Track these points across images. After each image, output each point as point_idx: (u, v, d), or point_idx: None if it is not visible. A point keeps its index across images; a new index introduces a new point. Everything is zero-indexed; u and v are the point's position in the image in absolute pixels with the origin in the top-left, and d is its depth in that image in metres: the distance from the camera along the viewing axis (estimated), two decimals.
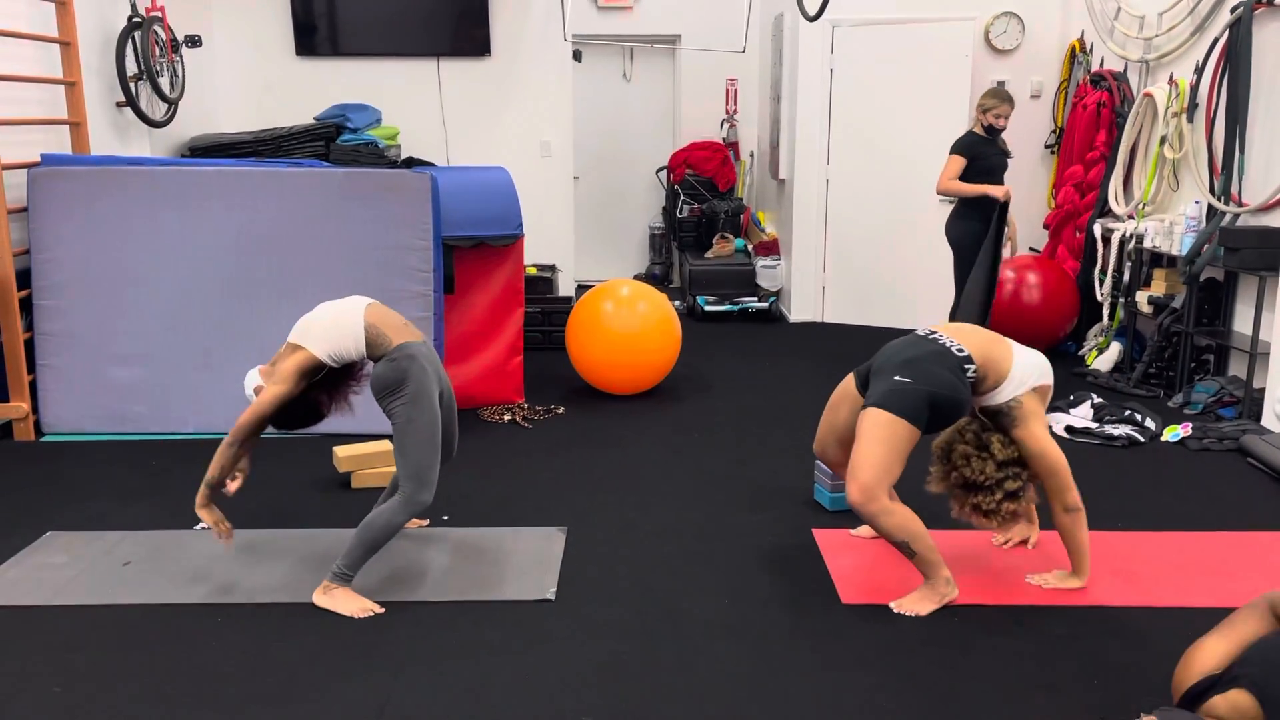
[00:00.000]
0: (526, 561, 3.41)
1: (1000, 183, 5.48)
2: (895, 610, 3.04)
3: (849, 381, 3.37)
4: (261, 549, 3.52)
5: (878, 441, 2.99)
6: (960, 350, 3.09)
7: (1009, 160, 5.64)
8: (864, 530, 3.68)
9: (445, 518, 3.80)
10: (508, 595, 3.17)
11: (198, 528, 3.71)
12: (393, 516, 3.07)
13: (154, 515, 3.84)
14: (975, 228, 5.46)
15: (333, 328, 3.11)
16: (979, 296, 5.40)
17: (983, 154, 5.49)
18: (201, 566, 3.38)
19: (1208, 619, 2.99)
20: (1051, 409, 5.03)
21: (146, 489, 4.13)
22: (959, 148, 5.53)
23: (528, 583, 3.25)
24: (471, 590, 3.21)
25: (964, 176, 5.47)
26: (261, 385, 3.13)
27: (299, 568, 3.35)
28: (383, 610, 3.05)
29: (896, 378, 3.04)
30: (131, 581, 3.28)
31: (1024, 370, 3.11)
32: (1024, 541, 3.53)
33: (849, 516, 3.78)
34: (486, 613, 3.07)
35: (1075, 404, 4.96)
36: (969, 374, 3.06)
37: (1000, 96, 5.50)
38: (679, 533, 3.68)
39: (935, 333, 3.19)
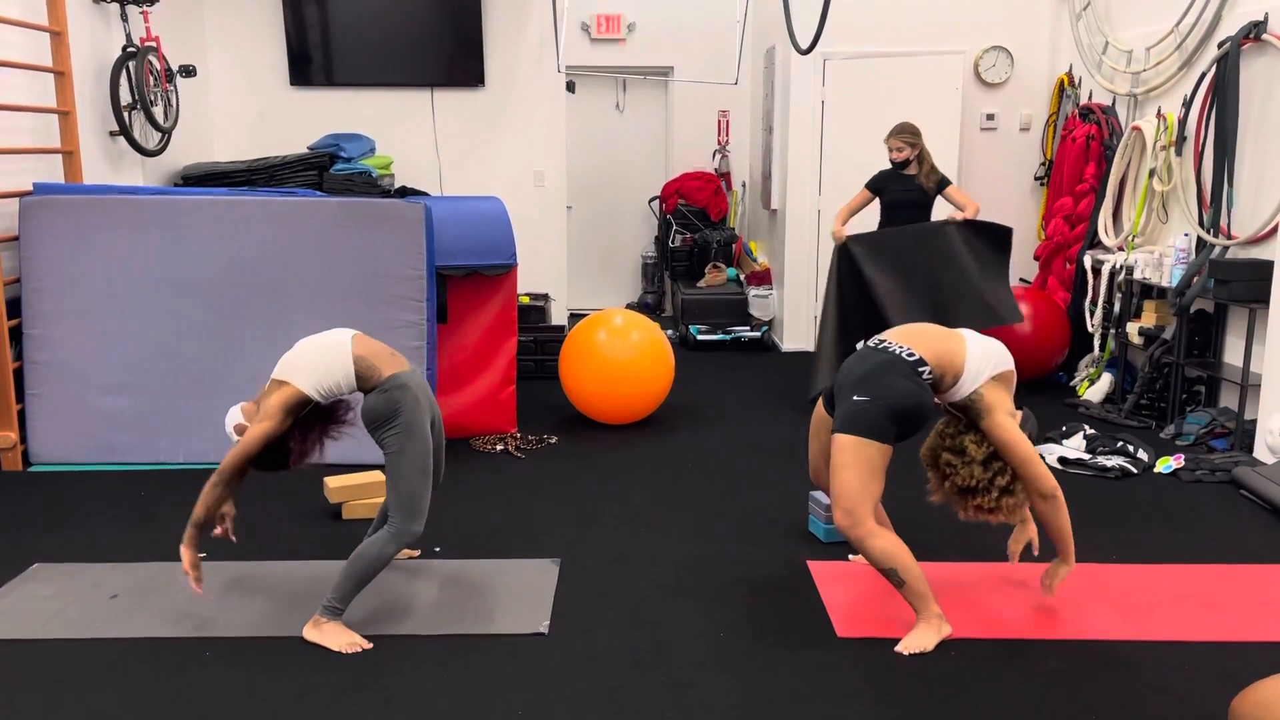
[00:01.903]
0: (519, 594, 3.38)
1: (907, 219, 5.70)
2: (903, 653, 3.00)
3: (821, 405, 3.37)
4: (251, 582, 3.49)
5: (848, 467, 3.00)
6: (910, 354, 3.07)
7: (928, 195, 5.74)
8: (861, 556, 3.66)
9: (437, 549, 3.77)
10: (500, 629, 3.14)
11: None
12: (383, 548, 3.04)
13: (142, 547, 3.81)
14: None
15: (320, 362, 3.08)
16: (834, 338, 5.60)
17: (887, 188, 5.77)
18: (190, 600, 3.33)
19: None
20: (1043, 440, 5.04)
21: (135, 520, 4.09)
22: (869, 182, 5.85)
23: (521, 616, 3.22)
24: (464, 623, 3.18)
25: (881, 208, 5.82)
26: (244, 424, 3.12)
27: (289, 601, 3.32)
28: (370, 646, 3.02)
29: (855, 397, 3.04)
30: (119, 615, 3.24)
31: (979, 362, 3.09)
32: (1030, 544, 3.45)
33: (844, 548, 3.77)
34: (479, 647, 3.04)
35: (1068, 435, 4.97)
36: (925, 376, 3.05)
37: (895, 131, 5.72)
38: (673, 564, 3.66)
39: (884, 341, 3.16)
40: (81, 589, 3.42)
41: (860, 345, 3.31)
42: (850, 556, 3.69)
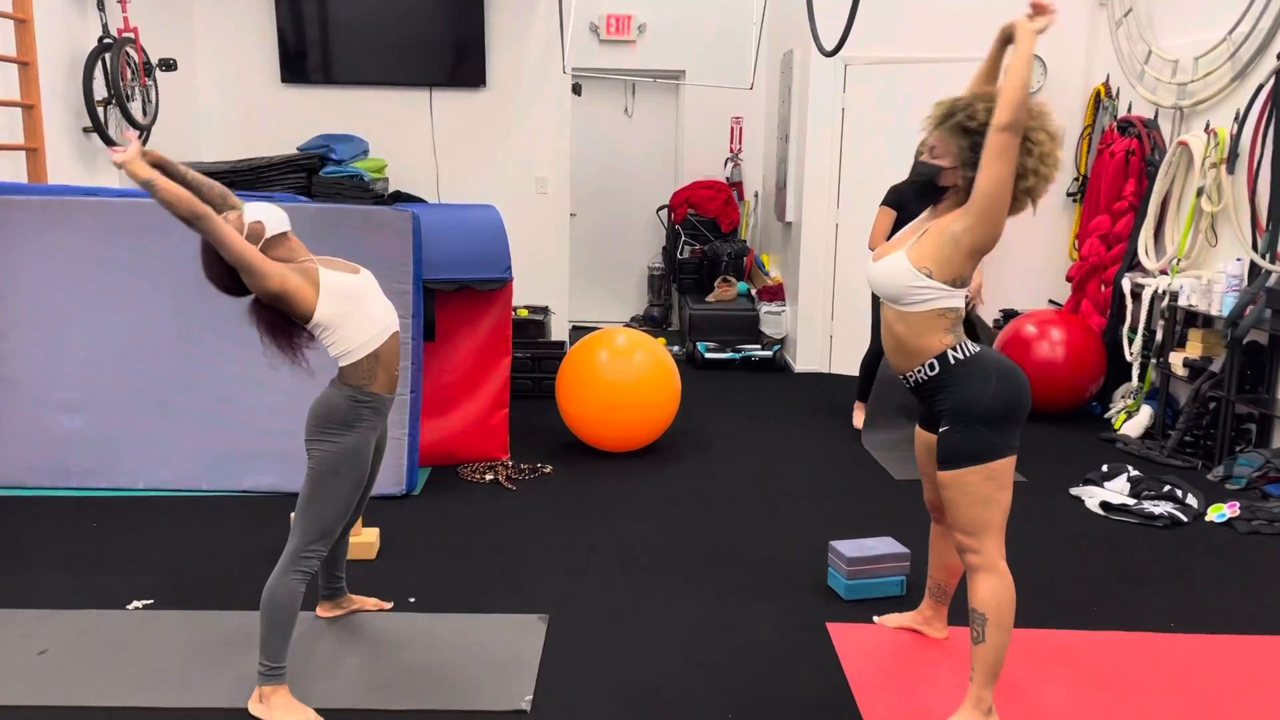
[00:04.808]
0: (500, 659, 2.98)
1: None
2: None
3: (919, 431, 2.90)
4: (199, 635, 3.08)
5: (954, 504, 2.59)
6: (931, 367, 2.60)
7: None
8: (889, 618, 3.26)
9: (411, 599, 3.37)
10: (475, 704, 2.74)
11: (130, 607, 3.28)
12: (292, 585, 2.65)
13: (85, 589, 3.40)
14: None
15: (360, 324, 2.68)
16: None
17: (910, 201, 5.16)
18: (131, 657, 2.95)
19: None
20: (1085, 481, 4.63)
21: (83, 556, 3.69)
22: (886, 198, 5.33)
23: (500, 688, 2.82)
24: (435, 697, 2.77)
25: (897, 225, 5.19)
26: (260, 225, 2.64)
27: (241, 660, 2.90)
28: None
29: (940, 429, 2.63)
30: (44, 676, 2.84)
31: (897, 270, 2.62)
32: None
33: (867, 608, 3.36)
34: None
35: (1110, 476, 4.55)
36: (958, 355, 2.58)
37: None
38: (675, 625, 3.25)
39: (909, 375, 2.68)
40: (7, 642, 3.03)
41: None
42: (875, 619, 3.28)
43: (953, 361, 2.59)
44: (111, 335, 4.37)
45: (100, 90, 5.38)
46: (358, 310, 2.69)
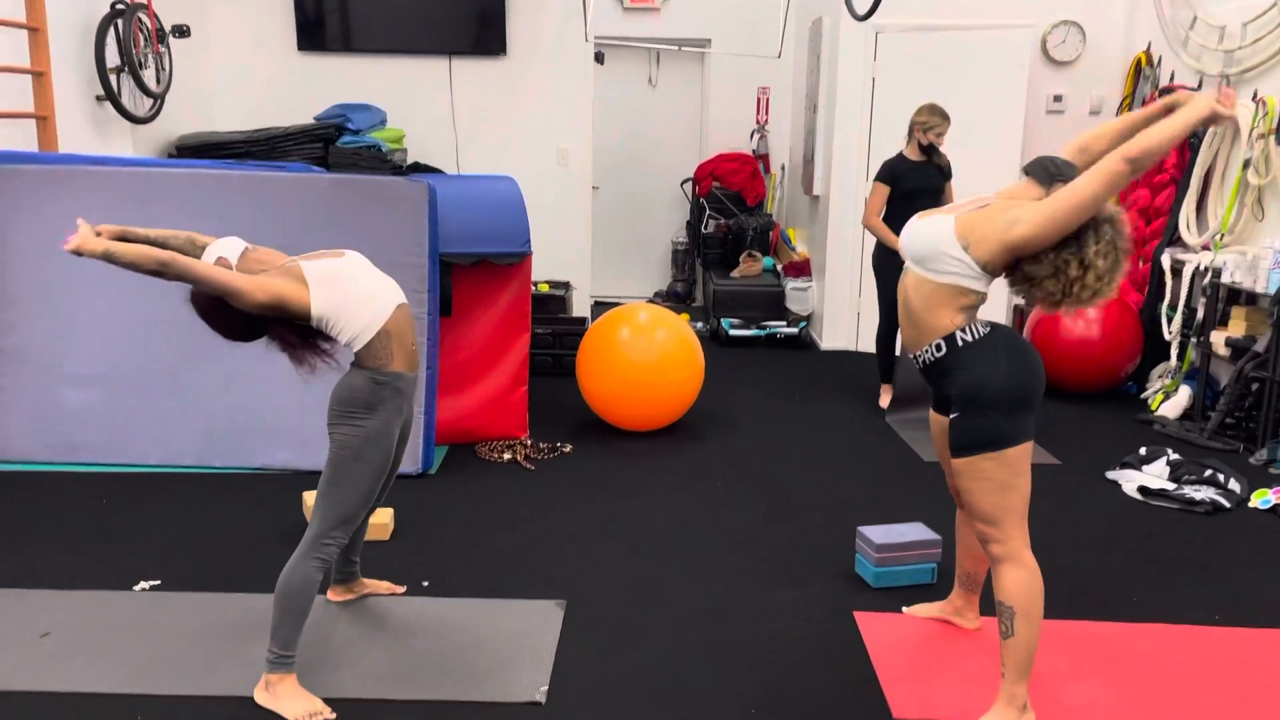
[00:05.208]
0: (515, 647, 2.88)
1: (928, 205, 5.02)
2: None
3: (933, 414, 2.78)
4: (206, 618, 3.00)
5: (970, 492, 2.49)
6: (938, 348, 2.49)
7: (944, 180, 5.22)
8: (919, 608, 3.14)
9: (425, 583, 3.27)
10: (489, 695, 2.64)
11: (137, 588, 3.20)
12: (309, 571, 2.56)
13: (93, 569, 3.33)
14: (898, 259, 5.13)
15: (359, 303, 2.57)
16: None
17: (905, 177, 5.17)
18: (135, 640, 2.86)
19: None
20: (1122, 464, 4.47)
21: (91, 534, 3.62)
22: (880, 173, 5.26)
23: (515, 678, 2.71)
24: (446, 687, 2.67)
25: (889, 201, 5.16)
26: (225, 260, 2.56)
27: (247, 646, 2.82)
28: (334, 716, 2.52)
29: (950, 416, 2.51)
30: (46, 660, 2.76)
31: (931, 239, 2.48)
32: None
33: (896, 596, 3.23)
34: (462, 716, 2.54)
35: (1149, 459, 4.39)
36: (967, 337, 2.46)
37: (940, 114, 5.14)
38: (697, 613, 3.13)
39: (918, 355, 2.56)
40: (11, 624, 2.95)
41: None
42: (904, 608, 3.16)
43: (960, 343, 2.47)
44: (122, 308, 4.29)
45: (112, 58, 5.26)
46: (352, 291, 2.59)
